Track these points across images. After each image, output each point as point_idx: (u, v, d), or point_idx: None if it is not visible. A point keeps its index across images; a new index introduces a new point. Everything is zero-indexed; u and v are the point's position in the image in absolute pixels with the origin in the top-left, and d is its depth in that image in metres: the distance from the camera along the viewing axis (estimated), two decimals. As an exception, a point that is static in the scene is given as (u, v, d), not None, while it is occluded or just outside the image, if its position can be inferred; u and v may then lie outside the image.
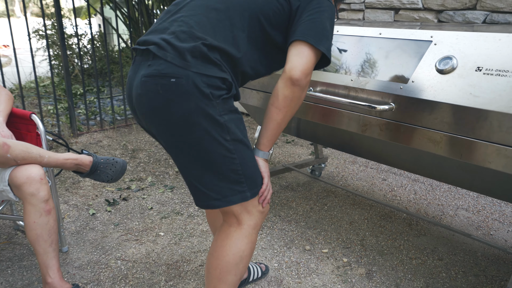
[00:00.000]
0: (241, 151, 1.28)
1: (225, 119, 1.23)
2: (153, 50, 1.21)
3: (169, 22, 1.28)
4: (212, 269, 1.39)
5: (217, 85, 1.21)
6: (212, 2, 1.28)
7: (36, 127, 2.04)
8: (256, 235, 1.39)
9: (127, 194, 2.75)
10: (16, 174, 1.69)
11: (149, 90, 1.20)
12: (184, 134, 1.21)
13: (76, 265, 2.04)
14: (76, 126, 3.84)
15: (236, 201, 1.30)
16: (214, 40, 1.22)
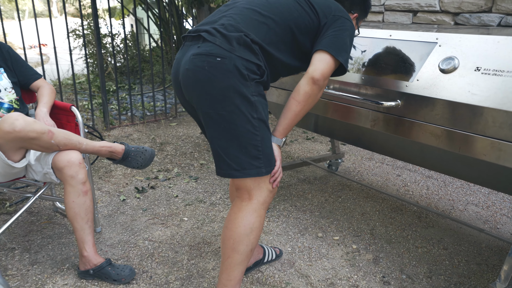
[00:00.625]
0: (263, 130, 1.49)
1: (255, 99, 1.46)
2: (203, 35, 1.47)
3: (218, 17, 1.53)
4: (226, 239, 1.57)
5: (253, 69, 1.45)
6: (257, 7, 1.53)
7: (75, 118, 2.26)
8: (265, 211, 1.56)
9: (154, 183, 2.96)
10: (58, 158, 1.91)
11: (196, 65, 1.43)
12: (219, 106, 1.43)
13: (108, 243, 2.25)
14: (108, 120, 4.09)
15: (252, 175, 1.49)
16: (255, 37, 1.47)
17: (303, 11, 1.56)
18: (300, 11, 1.56)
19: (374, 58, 2.03)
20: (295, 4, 1.57)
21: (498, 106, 1.52)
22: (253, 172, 1.50)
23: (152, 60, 4.39)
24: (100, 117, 4.23)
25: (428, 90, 1.75)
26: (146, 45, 6.87)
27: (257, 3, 1.55)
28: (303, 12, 1.56)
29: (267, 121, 1.52)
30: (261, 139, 1.49)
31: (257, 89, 1.48)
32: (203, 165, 3.28)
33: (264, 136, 1.50)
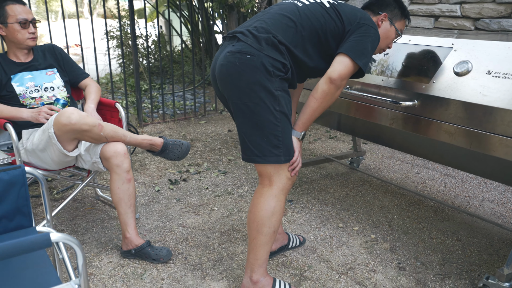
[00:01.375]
0: (284, 122, 1.68)
1: (279, 93, 1.65)
2: (238, 36, 1.68)
3: (254, 21, 1.74)
4: (250, 222, 1.76)
5: (279, 67, 1.64)
6: (288, 13, 1.72)
7: (118, 114, 2.49)
8: (284, 196, 1.75)
9: (186, 176, 3.18)
10: (106, 149, 2.14)
11: (229, 61, 1.64)
12: (246, 98, 1.62)
13: (146, 228, 2.47)
14: (142, 118, 4.34)
15: (272, 162, 1.68)
16: (282, 38, 1.66)
17: (329, 18, 1.74)
18: (327, 17, 1.74)
19: (394, 61, 2.19)
20: (323, 11, 1.74)
21: (507, 106, 1.66)
22: (272, 159, 1.69)
23: (183, 61, 4.63)
24: (134, 114, 4.48)
25: (443, 91, 1.90)
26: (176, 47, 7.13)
27: (289, 10, 1.74)
28: (329, 18, 1.74)
29: (289, 115, 1.70)
30: (282, 130, 1.67)
31: (281, 85, 1.66)
32: (231, 160, 3.48)
33: (284, 128, 1.68)
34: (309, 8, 1.75)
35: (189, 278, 2.02)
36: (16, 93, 2.26)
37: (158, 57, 4.45)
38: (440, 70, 1.97)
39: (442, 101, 1.89)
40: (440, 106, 1.90)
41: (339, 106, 2.39)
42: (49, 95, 2.35)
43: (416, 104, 1.99)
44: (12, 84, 2.26)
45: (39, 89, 2.32)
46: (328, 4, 1.78)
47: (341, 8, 1.78)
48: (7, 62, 2.30)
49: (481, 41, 1.93)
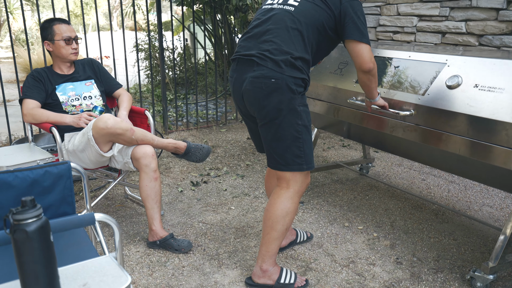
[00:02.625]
0: (305, 134, 1.92)
1: (301, 109, 1.89)
2: (256, 60, 1.88)
3: (261, 40, 1.90)
4: (266, 219, 2.01)
5: (300, 83, 1.88)
6: (289, 23, 1.89)
7: (147, 120, 2.79)
8: (298, 198, 1.98)
9: (207, 179, 3.45)
10: (136, 150, 2.43)
11: (256, 86, 1.87)
12: (273, 116, 1.87)
13: (170, 223, 2.74)
14: (167, 125, 4.65)
15: (295, 170, 1.92)
16: (296, 52, 1.87)
17: (321, 9, 1.91)
18: (319, 10, 1.90)
19: (394, 75, 2.42)
20: (314, 6, 1.91)
21: (489, 116, 1.87)
22: (296, 168, 1.93)
23: (206, 73, 4.93)
24: (160, 122, 4.80)
25: (436, 103, 2.12)
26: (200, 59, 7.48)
27: (287, 21, 1.89)
28: (321, 10, 1.90)
29: (310, 126, 1.95)
30: (303, 141, 1.92)
31: (303, 100, 1.91)
32: (249, 165, 3.74)
33: (305, 139, 1.93)
34: (301, 8, 1.90)
35: (207, 266, 2.28)
36: (60, 101, 2.58)
37: (183, 69, 4.76)
38: (434, 83, 2.19)
39: (435, 111, 2.11)
40: (433, 116, 2.12)
41: (347, 115, 2.62)
42: (88, 103, 2.67)
43: (412, 114, 2.22)
44: (56, 93, 2.59)
45: (79, 97, 2.64)
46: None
47: None
48: (52, 74, 2.63)
49: (471, 57, 2.14)
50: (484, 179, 2.08)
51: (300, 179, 1.97)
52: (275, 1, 1.98)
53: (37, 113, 2.48)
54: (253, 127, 2.11)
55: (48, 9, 15.76)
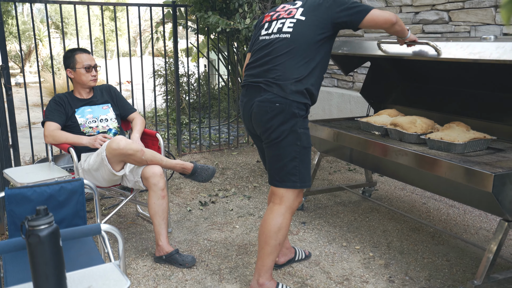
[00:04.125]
0: (303, 155, 2.08)
1: (301, 131, 2.07)
2: (263, 86, 2.06)
3: (266, 69, 2.07)
4: (260, 235, 2.15)
5: (302, 108, 2.06)
6: (288, 50, 2.04)
7: (158, 142, 2.98)
8: (290, 215, 2.13)
9: (215, 199, 3.61)
10: (146, 170, 2.61)
11: (261, 109, 2.06)
12: (276, 136, 2.04)
13: (177, 240, 2.90)
14: (181, 148, 4.86)
15: (289, 187, 2.08)
16: (299, 75, 2.03)
17: (314, 25, 2.04)
18: (312, 27, 2.04)
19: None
20: (307, 25, 2.04)
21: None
22: (289, 185, 2.09)
23: (220, 98, 5.15)
24: (174, 145, 5.01)
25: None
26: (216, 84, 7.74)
27: (286, 48, 2.03)
28: (314, 26, 2.04)
29: (309, 147, 2.11)
30: (300, 161, 2.08)
31: (304, 123, 2.08)
32: (256, 187, 3.89)
33: (302, 159, 2.08)
34: (297, 32, 2.04)
35: (208, 281, 2.42)
36: (78, 123, 2.81)
37: (199, 94, 5.00)
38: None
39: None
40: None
41: (350, 141, 2.74)
42: (103, 125, 2.88)
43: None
44: (76, 115, 2.82)
45: (96, 120, 2.86)
46: (302, 15, 2.06)
47: (308, 5, 2.07)
48: (72, 98, 2.86)
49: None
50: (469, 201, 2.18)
51: (293, 196, 2.12)
52: (271, 30, 2.14)
53: (57, 135, 2.70)
54: (261, 146, 2.27)
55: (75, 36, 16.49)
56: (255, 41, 2.21)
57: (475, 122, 2.67)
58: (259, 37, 2.19)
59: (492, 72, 2.62)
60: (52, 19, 16.75)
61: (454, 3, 3.65)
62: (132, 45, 25.60)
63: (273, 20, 2.16)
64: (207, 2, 4.29)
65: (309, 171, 2.13)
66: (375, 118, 2.85)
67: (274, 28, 2.13)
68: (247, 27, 4.01)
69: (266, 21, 2.20)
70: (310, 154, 2.12)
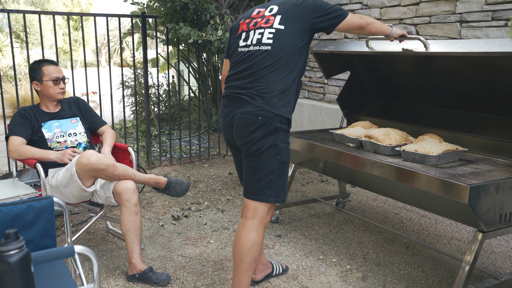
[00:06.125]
0: (281, 170, 2.05)
1: (282, 145, 2.04)
2: (246, 98, 2.02)
3: (248, 82, 2.03)
4: (235, 252, 2.10)
5: (284, 122, 2.03)
6: (270, 62, 2.01)
7: (129, 156, 2.90)
8: (263, 229, 2.09)
9: (188, 213, 3.54)
10: (118, 185, 2.52)
11: (243, 121, 2.02)
12: (256, 149, 2.01)
13: (149, 257, 2.81)
14: (151, 161, 4.75)
15: (263, 200, 2.04)
16: (282, 86, 2.01)
17: (294, 33, 2.03)
18: (292, 35, 2.03)
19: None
20: (287, 34, 2.02)
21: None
22: (263, 199, 2.05)
23: (190, 109, 5.09)
24: (144, 157, 4.90)
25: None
26: (185, 96, 7.66)
27: (268, 59, 2.00)
28: (294, 33, 2.02)
29: (288, 162, 2.08)
30: (277, 176, 2.05)
31: (285, 138, 2.06)
32: (229, 200, 3.84)
33: (280, 174, 2.05)
34: (277, 43, 2.00)
35: (184, 299, 2.34)
36: (45, 138, 2.69)
37: (169, 105, 4.92)
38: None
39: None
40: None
41: (325, 153, 2.73)
42: (72, 140, 2.77)
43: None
44: (42, 130, 2.70)
45: (64, 134, 2.75)
46: (281, 23, 2.03)
47: (286, 12, 2.05)
48: (39, 112, 2.74)
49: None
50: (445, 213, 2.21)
51: (265, 211, 2.08)
52: (249, 42, 2.09)
53: (23, 150, 2.57)
54: (239, 158, 2.23)
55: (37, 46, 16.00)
56: (233, 52, 2.17)
57: (446, 134, 2.73)
58: (237, 48, 2.15)
59: (463, 90, 2.69)
60: (13, 28, 16.22)
61: (421, 17, 3.75)
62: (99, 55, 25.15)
63: (250, 29, 2.12)
64: (178, 13, 4.24)
65: (285, 186, 2.10)
66: (349, 130, 2.87)
67: (252, 39, 2.09)
68: (219, 38, 3.99)
69: (242, 29, 2.15)
70: (288, 169, 2.10)
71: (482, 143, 2.60)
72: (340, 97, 3.40)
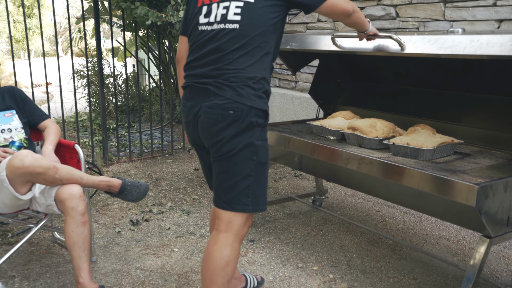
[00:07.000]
0: (259, 172, 1.69)
1: (259, 143, 1.67)
2: (212, 89, 1.65)
3: (214, 68, 1.65)
4: (204, 272, 1.75)
5: (261, 115, 1.67)
6: (239, 44, 1.63)
7: (77, 155, 2.48)
8: (239, 244, 1.74)
9: (148, 216, 3.15)
10: (61, 191, 2.11)
11: (211, 117, 1.65)
12: (228, 150, 1.64)
13: (102, 272, 2.42)
14: (108, 157, 4.31)
15: (239, 210, 1.69)
16: (254, 73, 1.64)
17: (266, 7, 1.65)
18: (265, 9, 1.65)
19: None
20: (258, 8, 1.65)
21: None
22: (239, 208, 1.70)
23: (151, 100, 4.66)
24: (100, 153, 4.45)
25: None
26: (146, 85, 7.18)
27: (234, 41, 1.64)
28: (266, 7, 1.65)
29: (267, 163, 1.72)
30: (254, 180, 1.69)
31: (262, 134, 1.69)
32: (195, 199, 3.47)
33: (258, 178, 1.70)
34: (246, 21, 1.65)
35: (143, 324, 1.98)
36: (-29, 135, 2.24)
37: (127, 96, 4.48)
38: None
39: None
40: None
41: (303, 148, 2.41)
42: (6, 137, 2.33)
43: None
44: (-33, 126, 2.24)
45: (-5, 131, 2.30)
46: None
47: None
48: (-37, 104, 2.28)
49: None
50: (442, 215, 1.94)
51: (241, 222, 1.74)
52: (212, 18, 1.70)
53: None
54: (207, 161, 1.86)
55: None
56: (193, 31, 1.78)
57: (435, 124, 2.46)
58: (197, 26, 1.76)
59: (452, 68, 2.42)
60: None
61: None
62: (53, 44, 23.88)
63: (213, 2, 1.72)
64: (134, -8, 3.79)
65: (265, 192, 1.75)
66: (329, 122, 2.56)
67: (216, 15, 1.71)
68: (181, 20, 3.58)
69: (203, 1, 1.75)
70: (267, 171, 1.75)
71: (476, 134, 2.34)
72: (313, 89, 3.08)
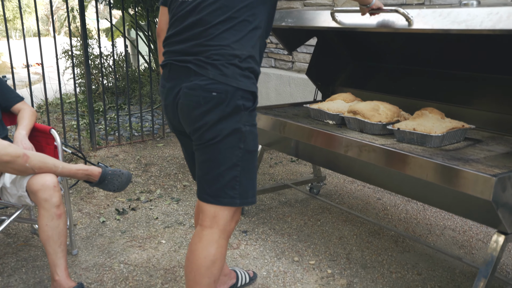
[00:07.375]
0: (247, 161, 1.50)
1: (246, 129, 1.48)
2: (193, 68, 1.44)
3: (194, 44, 1.45)
4: (188, 272, 1.56)
5: (248, 97, 1.47)
6: (224, 17, 1.43)
7: (54, 141, 2.28)
8: (226, 241, 1.56)
9: (136, 205, 2.97)
10: (33, 181, 1.92)
11: (192, 100, 1.45)
12: (211, 137, 1.45)
13: (83, 266, 2.24)
14: (95, 141, 4.10)
15: (225, 203, 1.50)
16: (241, 50, 1.44)
17: None
18: None
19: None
20: None
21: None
22: (225, 201, 1.51)
23: (140, 80, 4.43)
24: (87, 137, 4.24)
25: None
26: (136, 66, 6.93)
27: (219, 12, 1.44)
28: None
29: (255, 151, 1.53)
30: (242, 170, 1.50)
31: (250, 119, 1.50)
32: (186, 186, 3.29)
33: (246, 167, 1.51)
34: None
35: (124, 326, 1.81)
36: None
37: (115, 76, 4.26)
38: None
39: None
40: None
41: (300, 133, 2.22)
42: (-27, 121, 2.13)
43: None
44: None
45: (-40, 114, 2.10)
46: None
47: None
48: None
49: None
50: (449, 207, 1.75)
51: (228, 216, 1.55)
52: None
53: None
54: (189, 148, 1.67)
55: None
56: (172, 1, 1.56)
57: (444, 107, 2.26)
58: None
59: (462, 46, 2.21)
60: None
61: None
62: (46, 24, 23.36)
63: None
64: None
65: (254, 182, 1.56)
66: (328, 105, 2.36)
67: None
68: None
69: None
70: (256, 159, 1.55)
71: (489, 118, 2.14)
72: (310, 70, 2.87)
